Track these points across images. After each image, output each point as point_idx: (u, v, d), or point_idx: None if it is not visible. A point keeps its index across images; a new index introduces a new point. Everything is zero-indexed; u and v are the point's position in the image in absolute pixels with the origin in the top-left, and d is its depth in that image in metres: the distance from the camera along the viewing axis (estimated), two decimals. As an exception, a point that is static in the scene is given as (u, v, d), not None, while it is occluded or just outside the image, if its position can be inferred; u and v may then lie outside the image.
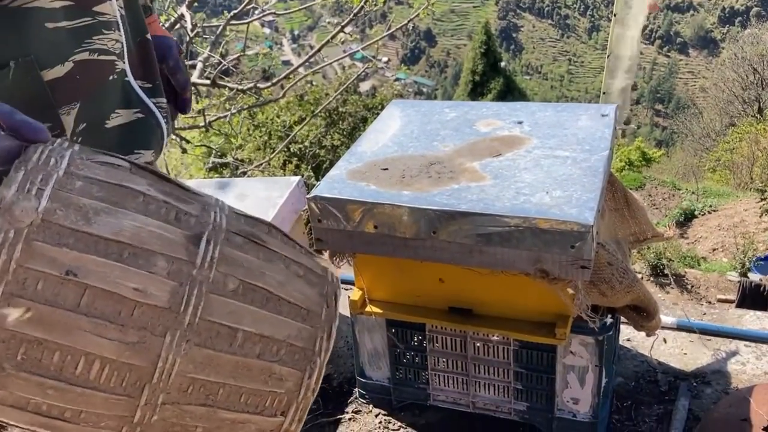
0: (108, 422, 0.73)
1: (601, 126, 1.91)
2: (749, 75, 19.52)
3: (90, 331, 0.69)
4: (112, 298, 0.69)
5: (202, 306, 0.73)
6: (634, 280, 1.77)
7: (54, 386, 0.69)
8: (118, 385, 0.71)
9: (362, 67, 6.29)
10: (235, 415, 0.78)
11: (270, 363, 0.78)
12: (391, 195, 1.68)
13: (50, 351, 0.68)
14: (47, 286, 0.67)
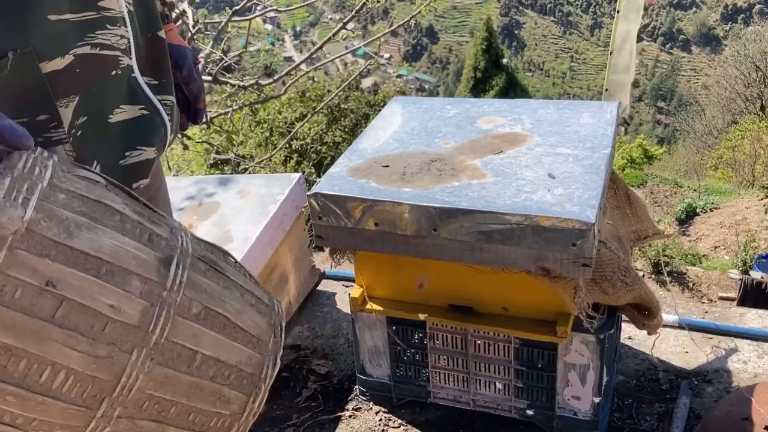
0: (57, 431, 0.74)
1: (603, 123, 1.91)
2: (752, 72, 19.47)
3: (61, 342, 0.70)
4: (87, 312, 0.71)
5: (168, 327, 0.76)
6: (636, 279, 1.77)
7: (14, 393, 0.70)
8: (79, 396, 0.73)
9: (364, 64, 6.28)
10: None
11: (221, 386, 0.82)
12: (391, 192, 1.67)
13: (17, 358, 0.68)
14: (25, 294, 0.68)
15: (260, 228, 2.21)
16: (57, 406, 0.72)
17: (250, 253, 2.13)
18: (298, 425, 2.17)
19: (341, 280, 2.89)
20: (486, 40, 17.93)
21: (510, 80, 18.06)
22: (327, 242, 1.81)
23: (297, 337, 2.59)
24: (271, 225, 2.26)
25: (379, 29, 5.61)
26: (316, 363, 2.43)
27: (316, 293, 2.74)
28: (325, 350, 2.51)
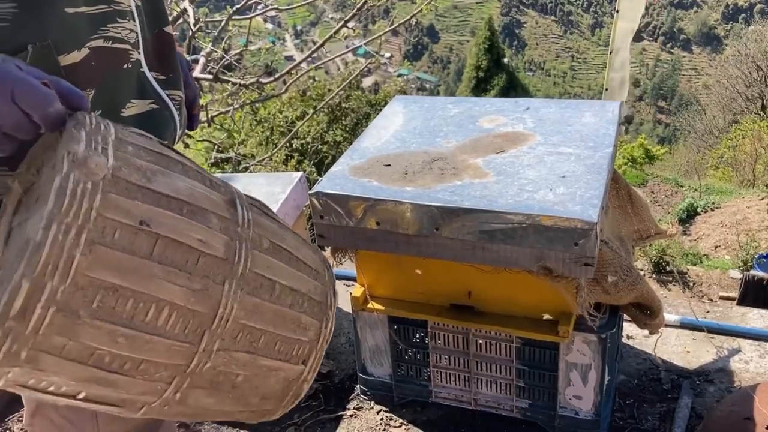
0: (163, 373, 0.77)
1: (605, 123, 1.90)
2: (753, 72, 19.45)
3: (162, 278, 0.73)
4: (180, 248, 0.75)
5: (249, 259, 0.81)
6: (638, 278, 1.77)
7: (125, 334, 0.72)
8: (182, 332, 0.76)
9: (365, 63, 6.28)
10: (270, 362, 0.86)
11: (299, 313, 0.87)
12: (393, 191, 1.67)
13: (125, 298, 0.71)
14: (123, 235, 0.71)
15: (261, 227, 2.20)
16: (162, 343, 0.75)
17: (251, 252, 2.12)
18: (299, 424, 2.17)
19: (342, 280, 2.89)
20: (488, 40, 17.92)
21: (511, 79, 18.04)
22: (328, 241, 1.81)
23: (298, 336, 2.58)
24: (273, 224, 2.26)
25: (380, 28, 5.60)
26: (317, 362, 2.43)
27: (317, 292, 2.73)
28: (327, 349, 2.50)
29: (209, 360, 0.79)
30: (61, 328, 0.69)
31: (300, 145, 10.80)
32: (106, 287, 0.70)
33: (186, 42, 4.45)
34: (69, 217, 0.68)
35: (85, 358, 0.72)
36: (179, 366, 0.78)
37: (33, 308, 0.67)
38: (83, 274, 0.68)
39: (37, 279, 0.67)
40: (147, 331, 0.74)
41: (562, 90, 67.31)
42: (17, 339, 0.68)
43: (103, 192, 0.70)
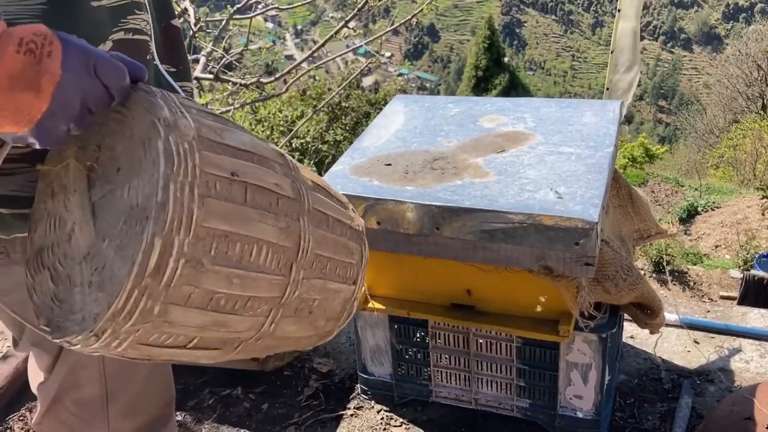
0: (264, 307, 0.86)
1: (606, 122, 1.90)
2: (753, 71, 19.45)
3: (258, 221, 0.82)
4: (264, 193, 0.83)
5: (309, 197, 0.91)
6: (638, 278, 1.77)
7: (238, 275, 0.80)
8: (277, 267, 0.85)
9: (365, 62, 6.27)
10: (335, 285, 0.96)
11: (347, 240, 0.98)
12: (394, 191, 1.67)
13: (233, 243, 0.79)
14: (221, 186, 0.78)
15: (262, 226, 2.20)
16: (265, 279, 0.84)
17: (251, 252, 2.12)
18: (299, 424, 2.17)
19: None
20: (488, 39, 17.90)
21: (512, 79, 18.03)
22: (329, 241, 1.80)
23: (298, 335, 2.58)
24: (273, 223, 2.26)
25: (381, 28, 5.60)
26: (318, 361, 2.43)
27: (317, 292, 2.74)
28: (327, 349, 2.51)
29: (297, 289, 0.89)
30: (189, 277, 0.76)
31: (300, 145, 10.80)
32: (219, 235, 0.77)
33: (186, 41, 4.45)
34: (181, 176, 0.74)
35: (206, 304, 0.79)
36: (276, 298, 0.87)
37: (166, 263, 0.73)
38: (201, 226, 0.75)
39: (167, 235, 0.73)
40: (253, 269, 0.82)
41: (562, 89, 67.29)
42: (152, 295, 0.74)
43: (198, 150, 0.76)
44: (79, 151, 0.87)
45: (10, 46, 0.71)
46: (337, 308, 1.01)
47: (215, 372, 2.40)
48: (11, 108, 0.73)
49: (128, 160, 0.79)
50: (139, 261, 0.72)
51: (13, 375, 2.30)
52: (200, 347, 0.85)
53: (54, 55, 0.74)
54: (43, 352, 1.21)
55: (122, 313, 0.74)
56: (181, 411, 2.23)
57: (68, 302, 0.83)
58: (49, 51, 0.74)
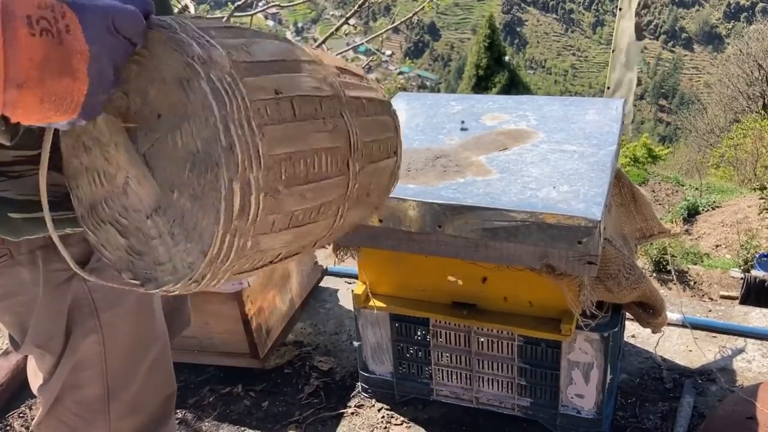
0: (333, 207, 0.89)
1: (609, 120, 1.89)
2: (754, 71, 19.44)
3: (311, 131, 0.82)
4: (306, 100, 0.82)
5: (343, 88, 0.89)
6: (641, 277, 1.76)
7: (309, 189, 0.82)
8: (336, 168, 0.86)
9: (366, 60, 6.27)
10: (383, 163, 0.98)
11: (380, 117, 0.98)
12: (396, 188, 1.66)
13: (297, 161, 0.80)
14: (271, 108, 0.77)
15: (263, 224, 2.20)
16: (330, 183, 0.85)
17: (252, 249, 2.12)
18: (300, 422, 2.17)
19: (344, 277, 2.89)
20: (488, 38, 17.85)
21: (512, 78, 17.98)
22: (330, 238, 1.80)
23: (299, 333, 2.58)
24: (274, 221, 2.25)
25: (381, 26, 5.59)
26: (319, 360, 2.42)
27: (318, 290, 2.73)
28: (328, 347, 2.50)
29: (357, 181, 0.91)
30: (271, 207, 0.77)
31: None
32: (283, 158, 0.78)
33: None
34: (236, 114, 0.73)
35: (287, 224, 0.81)
36: (342, 196, 0.89)
37: (249, 202, 0.74)
38: (267, 156, 0.75)
39: (242, 177, 0.73)
40: (319, 179, 0.83)
41: (563, 88, 67.25)
42: (242, 233, 0.76)
43: (240, 79, 0.75)
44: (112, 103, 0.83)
45: (21, 29, 0.64)
46: (386, 182, 1.02)
47: (216, 370, 2.39)
48: (51, 98, 0.68)
49: (168, 105, 0.76)
50: (224, 208, 0.72)
51: (13, 372, 2.30)
52: (285, 258, 0.88)
53: (72, 29, 0.68)
54: (46, 354, 1.20)
55: (219, 257, 0.76)
56: (182, 409, 2.23)
57: (150, 254, 0.83)
58: (66, 25, 0.68)
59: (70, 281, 1.11)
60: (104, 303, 1.15)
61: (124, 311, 1.18)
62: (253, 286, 2.15)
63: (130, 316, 1.20)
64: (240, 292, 2.11)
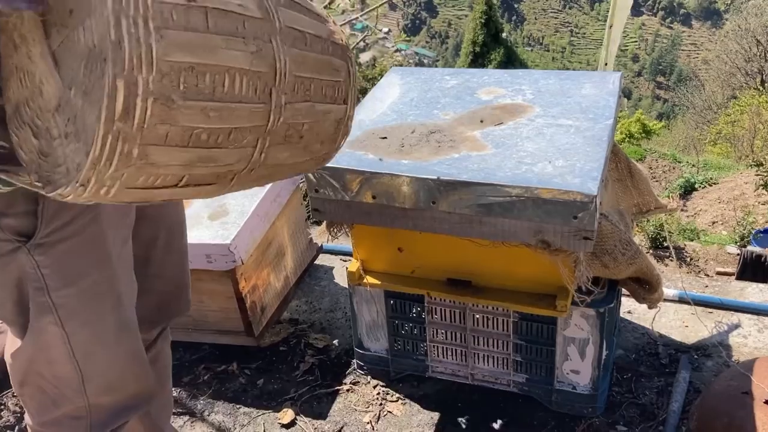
0: (249, 137, 0.84)
1: (605, 94, 1.87)
2: (752, 47, 19.34)
3: (225, 47, 0.78)
4: (227, 16, 0.79)
5: (279, 15, 0.85)
6: (637, 252, 1.75)
7: (214, 107, 0.78)
8: (254, 94, 0.82)
9: (360, 36, 6.21)
10: (324, 106, 0.93)
11: (329, 57, 0.93)
12: (389, 164, 1.64)
13: (202, 74, 0.76)
14: (179, 14, 0.73)
15: (256, 201, 2.18)
16: (245, 109, 0.81)
17: (246, 227, 2.10)
18: (295, 399, 2.16)
19: (339, 254, 2.87)
20: (485, 14, 17.71)
21: (509, 54, 17.88)
22: (324, 215, 1.78)
23: (294, 311, 2.57)
24: (268, 198, 2.23)
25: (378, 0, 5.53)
26: (314, 337, 2.42)
27: (313, 267, 2.72)
28: (323, 324, 2.49)
29: (281, 115, 0.86)
30: (162, 116, 0.73)
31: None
32: (185, 68, 0.74)
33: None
34: (132, 10, 0.70)
35: (186, 141, 0.77)
36: (260, 127, 0.84)
37: (134, 104, 0.71)
38: (163, 60, 0.72)
39: (128, 75, 0.70)
40: (229, 100, 0.79)
41: (560, 65, 66.87)
42: (127, 138, 0.72)
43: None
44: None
45: None
46: (330, 130, 0.97)
47: (210, 348, 2.39)
48: None
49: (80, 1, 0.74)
50: (106, 105, 0.70)
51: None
52: (192, 184, 0.84)
53: None
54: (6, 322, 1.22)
55: (102, 160, 0.72)
56: (177, 387, 2.22)
57: (52, 155, 0.80)
58: None
59: (15, 253, 1.10)
60: (55, 281, 1.13)
61: (79, 293, 1.16)
62: (247, 264, 2.14)
63: (88, 300, 1.18)
64: (234, 270, 2.10)
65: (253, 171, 0.89)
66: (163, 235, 1.42)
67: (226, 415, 2.14)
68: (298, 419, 2.09)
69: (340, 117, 0.98)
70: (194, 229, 2.07)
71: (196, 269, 1.96)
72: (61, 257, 1.10)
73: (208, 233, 2.08)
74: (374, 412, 2.08)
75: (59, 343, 1.18)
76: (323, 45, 0.92)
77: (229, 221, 2.12)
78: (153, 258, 1.42)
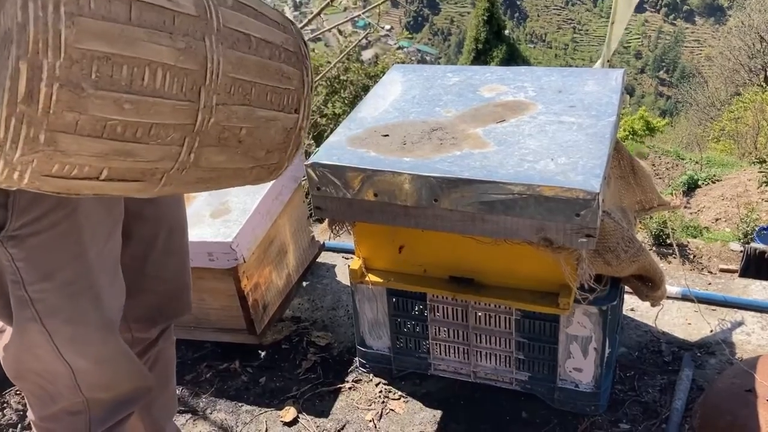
0: (173, 135, 0.81)
1: (608, 91, 1.86)
2: (756, 43, 19.27)
3: (147, 40, 0.76)
4: (154, 10, 0.77)
5: (220, 15, 0.84)
6: (640, 250, 1.74)
7: (129, 100, 0.76)
8: (180, 91, 0.80)
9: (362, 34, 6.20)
10: (266, 112, 0.91)
11: (279, 63, 0.92)
12: (391, 162, 1.64)
13: (119, 65, 0.74)
14: (98, 3, 0.72)
15: (258, 199, 2.18)
16: (165, 104, 0.79)
17: (248, 225, 2.10)
18: (297, 397, 2.16)
19: (341, 252, 2.87)
20: (487, 11, 17.69)
21: (512, 51, 17.86)
22: (325, 213, 1.78)
23: (296, 309, 2.57)
24: (270, 196, 2.23)
25: (380, -2, 5.52)
26: (316, 335, 2.41)
27: (315, 265, 2.72)
28: (325, 322, 2.49)
29: (212, 116, 0.84)
30: (69, 103, 0.72)
31: (299, 118, 10.69)
32: (99, 57, 0.73)
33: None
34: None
35: (99, 131, 0.76)
36: (186, 125, 0.82)
37: (38, 88, 0.70)
38: (73, 47, 0.71)
39: (32, 58, 0.69)
40: (148, 94, 0.77)
41: (563, 62, 66.75)
42: (32, 122, 0.71)
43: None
44: None
45: None
46: (277, 138, 0.95)
47: (212, 346, 2.39)
48: None
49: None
50: (8, 87, 0.69)
51: (9, 349, 2.29)
52: (116, 179, 0.82)
53: None
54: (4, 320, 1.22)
55: (6, 142, 0.71)
56: (179, 385, 2.22)
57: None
58: None
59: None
60: (30, 275, 1.12)
61: (55, 289, 1.15)
62: (249, 262, 2.14)
63: (67, 297, 1.17)
64: (236, 268, 2.09)
65: (184, 171, 0.87)
66: (162, 236, 1.42)
67: (228, 413, 2.14)
68: (301, 417, 2.09)
69: (290, 126, 0.95)
70: (196, 227, 2.07)
71: (197, 267, 1.96)
72: (35, 251, 1.10)
73: (209, 231, 2.08)
74: (376, 410, 2.08)
75: (42, 341, 1.18)
76: (272, 51, 0.90)
77: (231, 219, 2.12)
78: (151, 258, 1.42)
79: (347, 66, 11.44)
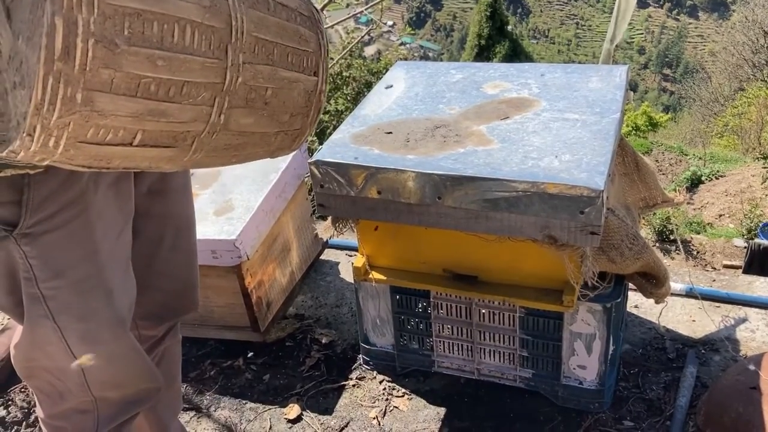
0: (204, 94, 0.82)
1: (612, 88, 1.86)
2: (760, 38, 19.20)
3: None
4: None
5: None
6: (644, 247, 1.74)
7: (162, 56, 0.76)
8: (208, 48, 0.81)
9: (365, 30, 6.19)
10: (289, 73, 0.92)
11: (297, 25, 0.93)
12: (395, 159, 1.63)
13: (149, 22, 0.75)
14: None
15: (262, 196, 2.17)
16: (196, 62, 0.80)
17: (251, 222, 2.10)
18: (301, 394, 2.16)
19: (344, 250, 2.87)
20: (490, 7, 17.64)
21: (514, 47, 17.81)
22: (329, 211, 1.77)
23: (300, 306, 2.57)
24: (273, 193, 2.23)
25: (383, -7, 5.51)
26: (320, 332, 2.41)
27: (319, 263, 2.72)
28: (329, 320, 2.49)
29: (239, 74, 0.85)
30: (105, 60, 0.73)
31: (301, 115, 10.68)
32: (130, 13, 0.73)
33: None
34: None
35: (134, 90, 0.76)
36: (216, 84, 0.83)
37: (74, 44, 0.70)
38: (106, 3, 0.71)
39: (67, 14, 0.69)
40: (179, 50, 0.78)
41: (566, 58, 66.58)
42: (69, 81, 0.71)
43: None
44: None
45: None
46: (300, 101, 0.96)
47: (216, 343, 2.39)
48: None
49: None
50: (45, 44, 0.69)
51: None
52: (149, 144, 0.82)
53: None
54: (16, 319, 1.23)
55: (44, 104, 0.71)
56: (183, 382, 2.22)
57: (6, 112, 0.79)
58: None
59: (3, 241, 1.10)
60: (42, 272, 1.13)
61: (68, 286, 1.16)
62: (252, 259, 2.14)
63: (79, 294, 1.18)
64: (240, 266, 2.09)
65: (214, 135, 0.87)
66: (170, 234, 1.42)
67: (232, 410, 2.14)
68: (305, 414, 2.09)
69: (311, 89, 0.96)
70: (199, 225, 2.06)
71: (201, 265, 1.95)
72: (48, 248, 1.10)
73: (213, 229, 2.08)
74: (380, 407, 2.08)
75: (54, 338, 1.18)
76: (289, 13, 0.92)
77: (235, 217, 2.12)
78: (159, 256, 1.42)
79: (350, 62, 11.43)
